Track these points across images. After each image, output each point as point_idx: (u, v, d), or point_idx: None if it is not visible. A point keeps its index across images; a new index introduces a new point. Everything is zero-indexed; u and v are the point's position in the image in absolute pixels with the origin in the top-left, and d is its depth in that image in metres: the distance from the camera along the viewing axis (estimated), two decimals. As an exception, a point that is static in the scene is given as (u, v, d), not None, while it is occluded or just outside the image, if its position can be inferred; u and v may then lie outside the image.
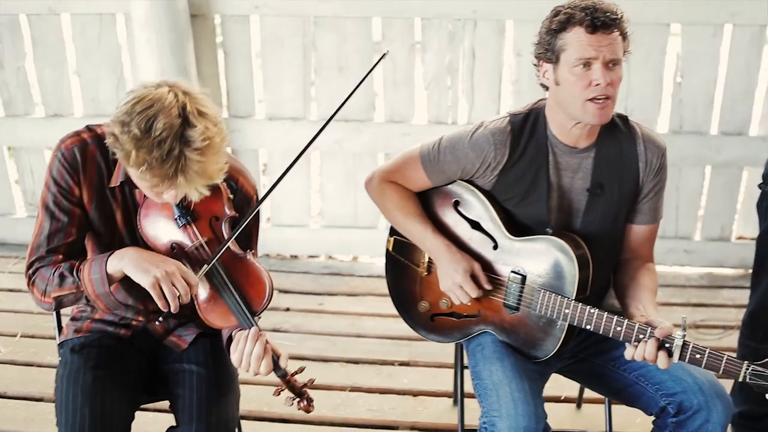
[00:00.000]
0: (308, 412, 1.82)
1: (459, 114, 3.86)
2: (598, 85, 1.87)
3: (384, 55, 2.04)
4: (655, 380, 2.00)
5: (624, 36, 1.91)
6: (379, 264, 4.02)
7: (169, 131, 1.63)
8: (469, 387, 2.16)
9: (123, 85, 3.92)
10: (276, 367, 1.78)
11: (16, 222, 4.26)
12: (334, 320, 3.54)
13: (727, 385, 2.22)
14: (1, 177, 4.23)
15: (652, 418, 2.05)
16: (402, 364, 3.19)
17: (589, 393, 2.60)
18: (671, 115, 3.79)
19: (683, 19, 3.61)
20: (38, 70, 3.98)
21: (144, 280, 1.73)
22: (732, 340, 3.23)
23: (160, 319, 1.90)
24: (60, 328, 2.12)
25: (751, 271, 2.54)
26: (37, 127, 4.04)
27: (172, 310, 1.74)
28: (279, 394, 1.82)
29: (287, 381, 1.81)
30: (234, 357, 1.77)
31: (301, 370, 1.84)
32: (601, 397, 2.29)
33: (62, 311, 2.15)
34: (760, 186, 2.40)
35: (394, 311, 2.31)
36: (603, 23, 1.85)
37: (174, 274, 1.73)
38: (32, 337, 3.33)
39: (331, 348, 3.29)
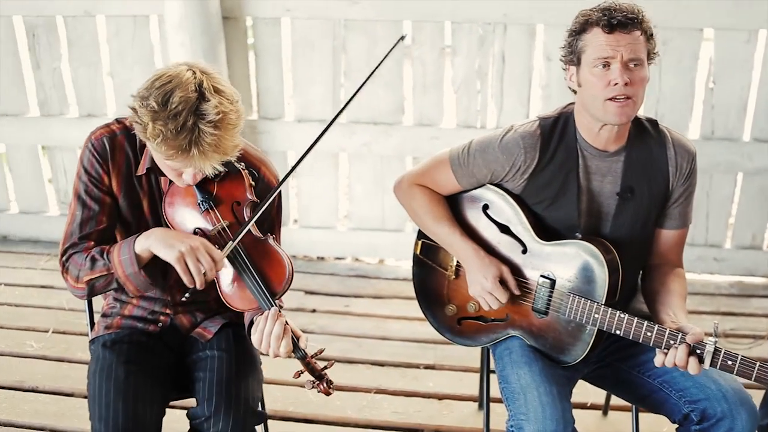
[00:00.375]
0: (328, 394, 1.82)
1: (488, 118, 3.86)
2: (616, 84, 1.87)
3: (402, 37, 2.05)
4: (678, 387, 1.98)
5: (648, 37, 1.91)
6: (406, 267, 4.03)
7: (185, 105, 1.69)
8: (495, 391, 2.15)
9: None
10: (295, 348, 1.79)
11: (48, 220, 4.34)
12: (360, 322, 3.55)
13: (757, 397, 2.19)
14: (34, 176, 4.31)
15: (677, 425, 2.03)
16: (427, 367, 3.19)
17: (615, 400, 2.58)
18: (703, 120, 3.74)
19: (716, 23, 3.57)
20: (73, 70, 4.06)
21: (169, 255, 1.77)
22: (762, 350, 3.19)
23: (187, 295, 1.89)
24: (92, 323, 2.16)
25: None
26: (70, 127, 4.11)
27: (197, 285, 1.77)
28: (299, 376, 1.82)
29: (307, 363, 1.81)
30: (254, 337, 1.79)
31: (321, 351, 1.85)
32: (628, 404, 2.27)
33: (93, 308, 2.19)
34: None
35: (420, 314, 2.32)
36: (620, 22, 1.86)
37: (199, 249, 1.77)
38: (63, 333, 3.39)
39: (356, 350, 3.30)
